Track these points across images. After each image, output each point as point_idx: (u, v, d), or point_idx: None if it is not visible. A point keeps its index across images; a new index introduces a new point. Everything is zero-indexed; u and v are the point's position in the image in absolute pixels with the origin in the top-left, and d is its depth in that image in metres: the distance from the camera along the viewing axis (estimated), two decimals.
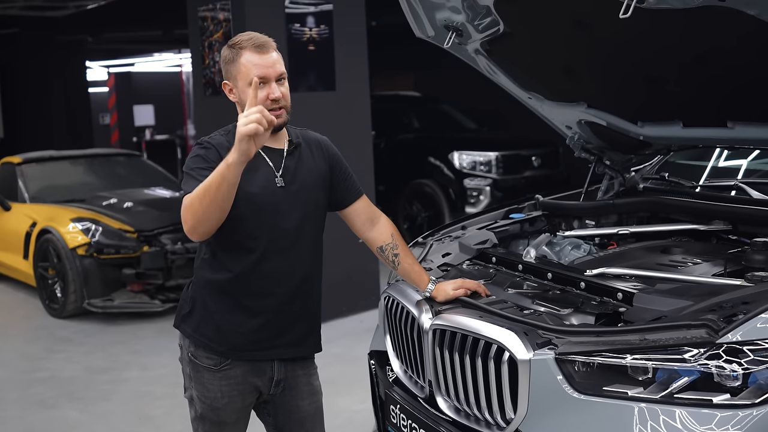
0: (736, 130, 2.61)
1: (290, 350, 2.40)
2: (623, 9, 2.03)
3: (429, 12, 2.83)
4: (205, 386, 2.36)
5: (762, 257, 2.38)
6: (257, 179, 2.28)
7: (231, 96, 2.34)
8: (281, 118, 2.28)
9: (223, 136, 2.33)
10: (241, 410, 2.41)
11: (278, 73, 2.27)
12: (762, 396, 1.78)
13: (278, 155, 2.35)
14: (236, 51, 2.28)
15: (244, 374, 2.35)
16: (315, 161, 2.44)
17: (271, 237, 2.29)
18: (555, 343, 2.02)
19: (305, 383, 2.48)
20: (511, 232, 3.17)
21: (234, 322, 2.32)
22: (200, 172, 2.19)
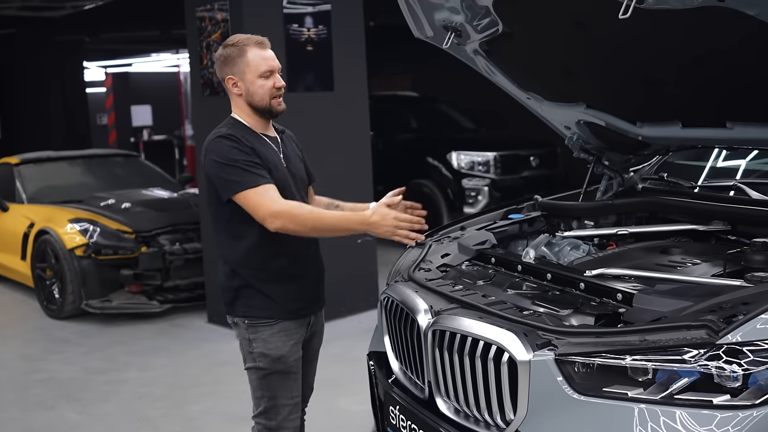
0: (736, 131, 2.61)
1: (317, 307, 2.80)
2: (623, 9, 2.03)
3: (428, 12, 2.82)
4: (267, 341, 2.64)
5: (761, 257, 2.38)
6: (276, 162, 2.64)
7: (235, 89, 2.63)
8: (282, 105, 2.66)
9: (232, 129, 2.61)
10: (299, 361, 2.71)
11: (278, 66, 2.66)
12: (762, 397, 1.77)
13: (276, 141, 2.72)
14: (241, 48, 2.60)
15: (295, 327, 2.68)
16: (294, 145, 2.84)
17: None
18: (555, 344, 2.02)
19: (319, 324, 2.87)
20: (510, 232, 3.17)
21: (282, 290, 2.64)
22: (252, 166, 2.51)
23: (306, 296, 2.72)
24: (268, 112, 2.64)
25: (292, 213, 2.48)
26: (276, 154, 2.66)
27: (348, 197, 6.02)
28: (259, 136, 2.64)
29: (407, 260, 3.00)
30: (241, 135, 2.58)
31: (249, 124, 2.65)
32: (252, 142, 2.59)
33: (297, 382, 2.70)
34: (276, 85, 2.61)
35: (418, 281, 2.66)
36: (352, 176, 6.03)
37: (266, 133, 2.69)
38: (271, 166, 2.59)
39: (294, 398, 2.70)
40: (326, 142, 5.79)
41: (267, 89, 2.60)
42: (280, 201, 2.50)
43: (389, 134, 9.14)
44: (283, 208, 2.48)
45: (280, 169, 2.63)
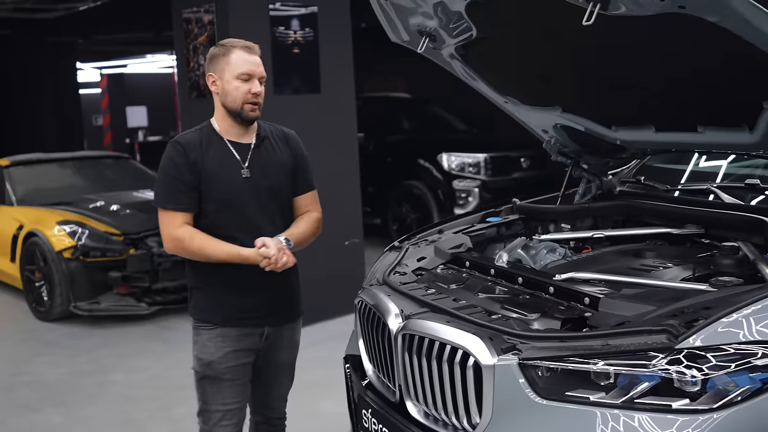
0: (707, 135, 2.63)
1: (272, 320, 2.73)
2: (586, 16, 2.05)
3: (402, 17, 2.84)
4: (204, 344, 2.66)
5: (730, 261, 2.40)
6: (224, 174, 2.61)
7: (213, 87, 2.64)
8: (255, 113, 2.63)
9: (196, 133, 2.66)
10: (235, 369, 2.67)
11: (261, 73, 2.64)
12: (720, 401, 1.79)
13: (246, 148, 2.67)
14: (227, 48, 2.63)
15: (236, 335, 2.65)
16: (280, 153, 2.75)
17: (243, 225, 2.62)
18: (519, 349, 2.03)
19: (288, 337, 2.83)
20: (488, 236, 3.18)
21: (227, 298, 2.65)
22: (176, 184, 2.56)
23: (257, 307, 2.68)
24: (238, 116, 2.62)
25: (183, 245, 2.58)
26: (234, 165, 2.63)
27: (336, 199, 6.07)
28: (219, 143, 2.63)
29: (383, 264, 3.02)
30: (193, 143, 2.60)
31: (220, 128, 2.66)
32: (200, 153, 2.58)
33: (233, 389, 2.67)
34: (252, 90, 2.59)
35: (392, 285, 2.67)
36: (340, 178, 6.04)
37: (237, 139, 2.66)
38: (214, 179, 2.58)
39: (227, 405, 2.67)
40: (313, 144, 5.76)
41: (241, 92, 2.58)
42: (180, 229, 2.56)
43: (381, 136, 9.15)
44: (178, 236, 2.57)
45: (231, 182, 2.60)
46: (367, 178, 7.95)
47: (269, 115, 5.45)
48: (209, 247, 2.56)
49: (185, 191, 2.56)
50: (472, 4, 2.56)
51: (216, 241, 2.57)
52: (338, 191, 6.03)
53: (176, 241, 2.58)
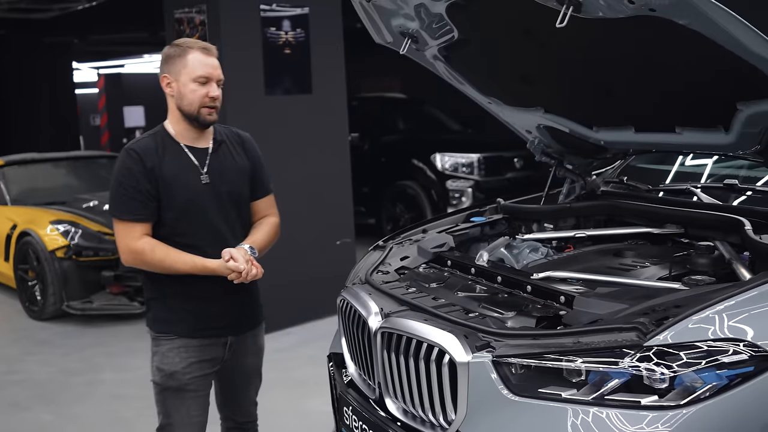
0: (684, 136, 2.66)
1: (235, 329, 2.68)
2: (560, 19, 2.07)
3: (385, 19, 2.87)
4: (165, 355, 2.59)
5: (705, 260, 2.43)
6: (183, 180, 2.54)
7: (168, 89, 2.55)
8: (212, 117, 2.56)
9: (151, 138, 2.57)
10: (198, 380, 2.61)
11: (219, 76, 2.55)
12: (687, 397, 1.82)
13: (203, 153, 2.60)
14: (184, 49, 2.53)
15: (198, 345, 2.59)
16: (238, 157, 2.69)
17: (204, 233, 2.56)
18: (493, 346, 2.06)
19: (252, 343, 2.78)
20: (472, 235, 3.21)
21: (188, 308, 2.58)
22: (134, 194, 2.47)
23: (219, 317, 2.62)
24: (195, 120, 2.54)
25: (143, 258, 2.48)
26: (193, 171, 2.55)
27: (327, 199, 6.09)
28: (176, 149, 2.56)
29: (367, 263, 3.05)
30: (149, 149, 2.51)
31: (175, 131, 2.58)
32: (158, 159, 2.50)
33: (197, 401, 2.61)
34: (210, 94, 2.51)
35: (374, 284, 2.70)
36: (331, 178, 6.07)
37: (194, 144, 2.58)
38: (174, 187, 2.50)
39: (193, 418, 2.62)
40: (305, 144, 5.84)
41: (199, 96, 2.50)
42: (139, 241, 2.47)
43: (376, 136, 9.18)
44: (137, 249, 2.47)
45: (189, 189, 2.53)
46: (362, 178, 7.99)
47: (260, 115, 5.54)
48: (172, 260, 2.47)
49: (143, 201, 2.48)
50: (452, 6, 2.59)
51: (178, 253, 2.49)
52: (329, 191, 6.07)
53: (136, 253, 2.48)
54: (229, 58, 5.35)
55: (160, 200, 2.51)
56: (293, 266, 5.77)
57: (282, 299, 5.75)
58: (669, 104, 2.60)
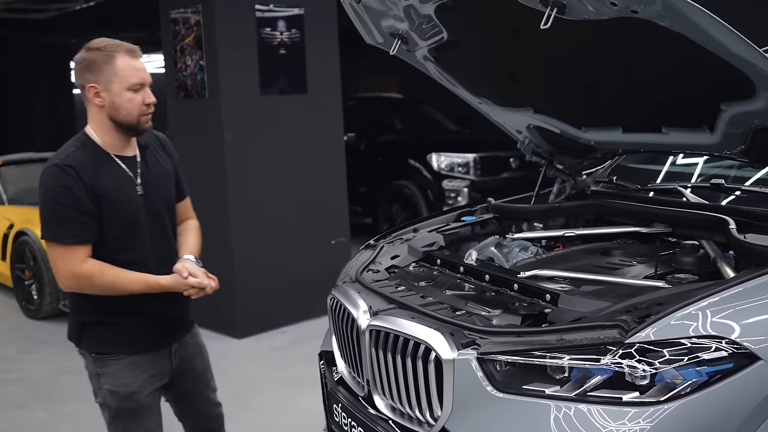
0: (671, 136, 2.68)
1: (178, 335, 2.64)
2: (544, 20, 2.10)
3: (375, 20, 2.89)
4: (115, 376, 2.46)
5: (690, 259, 2.46)
6: (124, 195, 2.41)
7: (96, 99, 2.35)
8: (150, 123, 2.44)
9: (81, 151, 2.37)
10: (154, 395, 2.55)
11: (150, 79, 2.41)
12: (668, 394, 1.84)
13: (133, 162, 2.46)
14: (108, 54, 2.32)
15: (149, 358, 2.51)
16: (163, 161, 2.58)
17: (145, 247, 2.46)
18: (478, 344, 2.08)
19: (192, 344, 2.71)
20: (462, 234, 3.24)
21: (132, 324, 2.46)
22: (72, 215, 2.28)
23: (161, 328, 2.53)
24: (133, 129, 2.40)
25: (91, 282, 2.33)
26: (129, 182, 2.42)
27: (322, 199, 6.12)
28: (109, 161, 2.40)
29: (358, 262, 3.07)
30: (83, 165, 2.32)
31: (103, 142, 2.39)
32: (93, 176, 2.33)
33: (153, 416, 2.53)
34: (146, 100, 2.37)
35: (364, 282, 2.72)
36: (327, 178, 6.10)
37: (122, 153, 2.43)
38: (116, 202, 2.36)
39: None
40: (300, 144, 5.87)
41: (136, 104, 2.34)
42: (85, 265, 2.32)
43: (372, 136, 9.21)
44: (83, 274, 2.32)
45: (130, 202, 2.40)
46: (359, 178, 8.02)
47: (255, 115, 5.57)
48: (122, 280, 2.34)
49: (85, 222, 2.30)
50: (441, 7, 2.61)
51: (127, 273, 2.35)
52: (325, 191, 6.10)
53: (82, 278, 2.32)
54: (224, 58, 5.41)
55: (101, 219, 2.35)
56: (289, 265, 5.80)
57: (277, 298, 5.79)
58: (655, 105, 2.62)
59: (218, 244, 5.74)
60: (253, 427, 4.14)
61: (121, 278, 2.35)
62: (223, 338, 5.62)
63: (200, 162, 5.72)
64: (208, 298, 5.35)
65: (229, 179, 5.50)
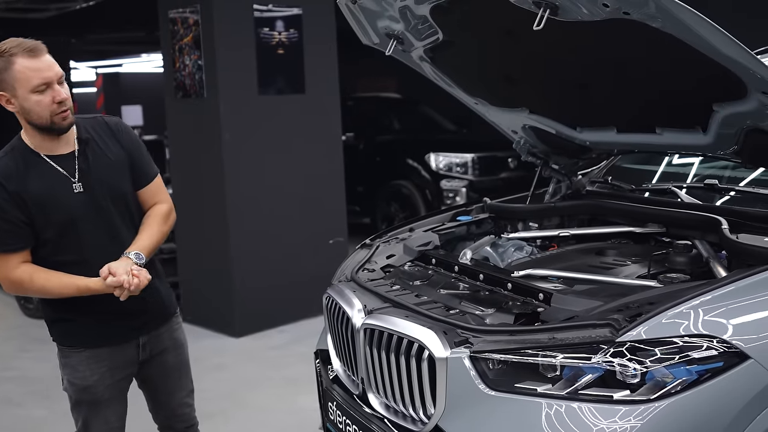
0: (665, 136, 2.70)
1: (145, 328, 2.56)
2: (537, 21, 2.12)
3: (371, 20, 2.90)
4: (75, 368, 2.48)
5: (683, 259, 2.47)
6: (55, 196, 2.35)
7: (10, 107, 2.33)
8: (68, 120, 2.33)
9: (8, 157, 2.37)
10: (113, 387, 2.53)
11: (58, 74, 2.31)
12: (658, 392, 1.86)
13: (70, 159, 2.39)
14: (7, 59, 2.25)
15: (110, 351, 2.50)
16: (110, 151, 2.47)
17: (88, 246, 2.40)
18: (471, 342, 2.10)
19: (168, 338, 2.65)
20: (458, 234, 3.25)
21: (90, 318, 2.45)
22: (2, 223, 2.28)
23: (122, 322, 2.49)
24: (50, 129, 2.33)
25: (23, 287, 2.37)
26: (62, 182, 2.36)
27: (320, 199, 6.13)
28: (39, 163, 2.36)
29: (353, 261, 3.09)
30: (9, 171, 2.31)
31: (34, 144, 2.38)
32: (19, 182, 2.31)
33: (113, 408, 2.53)
34: (56, 99, 2.28)
35: (359, 281, 2.74)
36: (324, 178, 6.12)
37: (55, 152, 2.38)
38: (47, 205, 2.32)
39: (111, 424, 2.54)
40: (298, 144, 5.89)
41: (45, 105, 2.27)
42: (16, 271, 2.32)
43: (370, 135, 9.23)
44: (15, 280, 2.34)
45: (64, 202, 2.35)
46: (357, 178, 8.04)
47: (253, 114, 5.59)
48: (53, 285, 2.33)
49: (13, 230, 2.30)
50: (436, 8, 2.63)
51: (59, 277, 2.33)
52: (323, 191, 6.11)
53: (15, 284, 2.35)
54: (222, 58, 5.42)
55: (33, 224, 2.33)
56: (286, 265, 5.81)
57: (275, 297, 5.81)
58: (649, 105, 2.64)
59: (216, 243, 5.76)
60: (249, 425, 4.16)
61: (51, 283, 2.34)
62: (220, 337, 5.65)
63: (198, 161, 5.74)
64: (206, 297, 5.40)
65: (227, 178, 5.52)
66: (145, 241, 2.46)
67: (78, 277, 2.34)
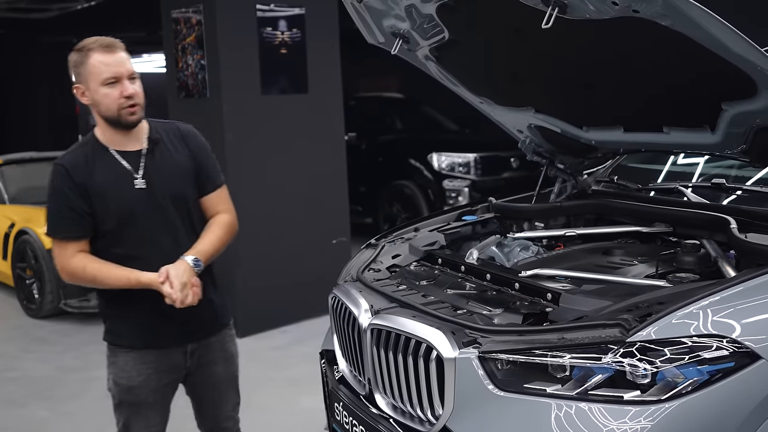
0: (672, 135, 2.68)
1: (193, 336, 2.58)
2: (545, 19, 2.10)
3: (376, 19, 2.89)
4: (121, 368, 2.52)
5: (690, 258, 2.46)
6: (116, 189, 2.42)
7: (84, 99, 2.43)
8: (135, 116, 2.42)
9: (80, 149, 2.46)
10: (157, 391, 2.54)
11: (129, 71, 2.41)
12: (669, 392, 1.84)
13: (136, 156, 2.48)
14: (84, 53, 2.38)
15: (156, 354, 2.52)
16: (178, 154, 2.55)
17: (143, 242, 2.45)
18: (480, 342, 2.08)
19: (218, 349, 2.68)
20: (463, 234, 3.24)
21: (143, 318, 2.49)
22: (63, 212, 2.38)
23: (171, 326, 2.51)
24: (117, 123, 2.41)
25: (77, 277, 2.42)
26: (125, 176, 2.43)
27: (323, 198, 6.12)
28: (106, 156, 2.44)
29: (359, 261, 3.08)
30: (79, 162, 2.40)
31: (105, 138, 2.46)
32: (87, 171, 2.39)
33: (156, 411, 2.55)
34: (124, 93, 2.37)
35: (365, 281, 2.73)
36: (327, 178, 6.11)
37: (124, 148, 2.46)
38: (107, 197, 2.39)
39: (151, 428, 2.56)
40: (301, 143, 5.87)
41: (113, 98, 2.36)
42: (73, 259, 2.39)
43: (373, 135, 9.21)
44: (71, 269, 2.41)
45: (124, 196, 2.41)
46: (359, 178, 8.02)
47: (256, 114, 5.57)
48: (104, 276, 2.38)
49: (74, 219, 2.38)
50: (442, 7, 2.62)
51: (110, 268, 2.39)
52: (325, 191, 6.10)
53: (71, 273, 2.42)
54: (225, 57, 5.41)
55: (94, 214, 2.40)
56: (289, 265, 5.80)
57: (278, 298, 5.79)
58: (656, 104, 2.63)
59: None
60: (252, 426, 4.12)
61: (102, 273, 2.39)
62: None
63: None
64: None
65: (230, 178, 5.47)
66: (206, 246, 2.52)
67: (130, 270, 2.39)
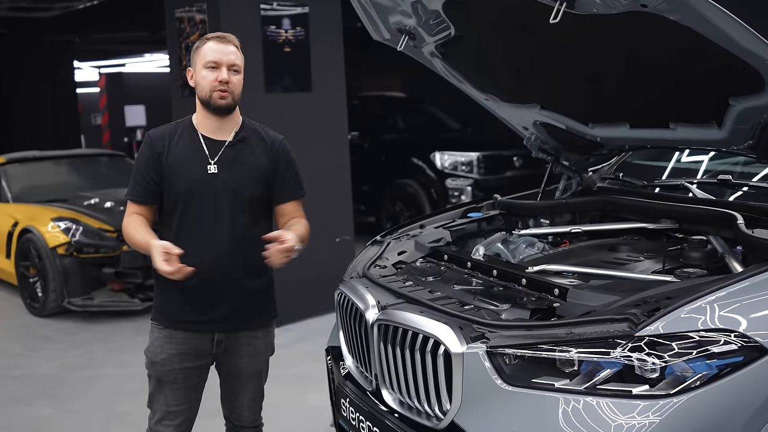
0: (678, 131, 2.69)
1: (222, 326, 2.65)
2: (553, 14, 2.10)
3: (382, 15, 2.90)
4: (152, 342, 2.66)
5: (698, 254, 2.46)
6: (187, 167, 2.58)
7: (191, 82, 2.64)
8: (225, 100, 2.56)
9: (173, 125, 2.67)
10: (179, 372, 2.62)
11: (231, 61, 2.58)
12: (678, 387, 1.85)
13: (218, 145, 2.61)
14: (202, 41, 2.62)
15: (184, 336, 2.62)
16: (256, 157, 2.66)
17: (194, 222, 2.58)
18: (487, 337, 2.08)
19: (246, 344, 2.74)
20: (469, 230, 3.24)
21: (177, 298, 2.60)
22: (138, 176, 2.60)
23: (202, 311, 2.60)
24: (208, 105, 2.56)
25: (124, 233, 2.61)
26: (200, 158, 2.57)
27: (327, 197, 6.12)
28: (192, 136, 2.60)
29: (365, 257, 3.08)
30: (164, 135, 2.60)
31: (197, 121, 2.63)
32: (167, 146, 2.57)
33: (175, 392, 2.62)
34: (219, 78, 2.53)
35: (371, 278, 2.73)
36: (331, 176, 6.10)
37: (212, 135, 2.60)
38: (178, 172, 2.55)
39: (169, 407, 2.63)
40: (304, 142, 5.86)
41: (209, 81, 2.53)
42: (127, 218, 2.59)
43: (376, 134, 9.22)
44: (123, 226, 2.61)
45: (193, 175, 2.55)
46: (362, 177, 8.01)
47: (259, 112, 5.56)
48: (132, 236, 2.55)
49: (143, 184, 2.58)
50: (449, 3, 2.62)
51: (138, 231, 2.52)
52: (329, 189, 6.10)
53: (123, 230, 2.62)
54: None
55: (162, 185, 2.58)
56: (293, 264, 5.72)
57: (281, 296, 5.76)
58: (663, 100, 2.63)
59: None
60: None
61: (133, 234, 2.55)
62: None
63: None
64: None
65: None
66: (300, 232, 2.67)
67: (151, 234, 2.51)
